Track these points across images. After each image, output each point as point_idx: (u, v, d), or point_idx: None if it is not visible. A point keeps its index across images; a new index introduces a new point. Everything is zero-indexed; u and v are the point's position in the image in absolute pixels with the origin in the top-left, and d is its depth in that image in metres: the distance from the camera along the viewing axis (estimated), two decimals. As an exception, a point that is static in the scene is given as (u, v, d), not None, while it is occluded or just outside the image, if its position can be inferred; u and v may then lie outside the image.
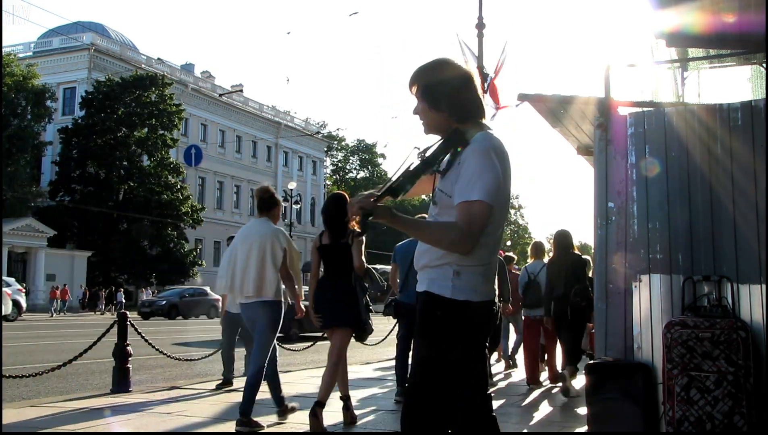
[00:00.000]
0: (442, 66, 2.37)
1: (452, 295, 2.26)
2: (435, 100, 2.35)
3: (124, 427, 5.16)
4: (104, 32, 47.19)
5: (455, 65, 2.39)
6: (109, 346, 7.08)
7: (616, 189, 4.47)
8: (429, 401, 2.27)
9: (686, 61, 10.51)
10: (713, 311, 4.06)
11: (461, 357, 2.30)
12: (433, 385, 2.28)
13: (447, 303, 2.27)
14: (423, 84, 2.36)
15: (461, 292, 2.26)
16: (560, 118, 5.53)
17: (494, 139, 2.31)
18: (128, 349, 6.86)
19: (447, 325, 2.28)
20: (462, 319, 2.27)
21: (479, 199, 2.18)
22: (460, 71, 2.37)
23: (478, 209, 2.18)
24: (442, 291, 2.28)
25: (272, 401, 5.44)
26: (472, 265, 2.27)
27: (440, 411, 2.28)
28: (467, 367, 2.33)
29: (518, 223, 78.95)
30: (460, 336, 2.29)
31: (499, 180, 2.24)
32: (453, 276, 2.27)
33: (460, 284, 2.26)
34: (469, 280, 2.27)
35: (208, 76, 55.52)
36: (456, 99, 2.34)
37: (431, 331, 2.31)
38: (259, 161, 56.37)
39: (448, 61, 2.39)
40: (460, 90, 2.35)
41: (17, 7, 66.37)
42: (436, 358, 2.29)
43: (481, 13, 13.24)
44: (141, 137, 39.43)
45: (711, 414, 3.81)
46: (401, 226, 2.25)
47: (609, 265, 4.44)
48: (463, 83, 2.36)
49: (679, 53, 9.37)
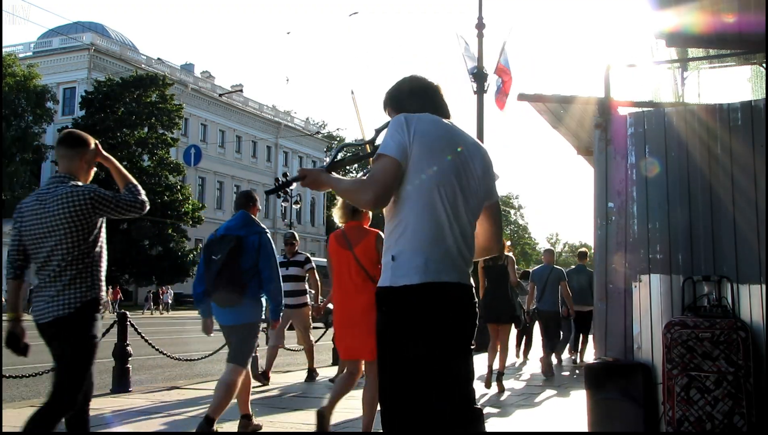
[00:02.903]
0: (404, 83, 2.51)
1: (391, 283, 2.17)
2: (399, 103, 2.46)
3: (123, 427, 5.16)
4: (104, 32, 47.19)
5: (418, 78, 2.52)
6: (109, 346, 7.08)
7: (616, 189, 4.47)
8: (404, 403, 2.13)
9: (686, 61, 10.52)
10: (713, 311, 4.06)
11: (419, 350, 2.12)
12: (401, 386, 2.14)
13: (388, 293, 2.18)
14: (391, 101, 2.50)
15: (399, 276, 2.15)
16: (560, 118, 5.54)
17: (421, 114, 2.34)
18: (128, 349, 6.86)
19: (392, 317, 2.16)
20: (406, 306, 2.13)
21: (379, 153, 2.24)
22: (424, 82, 2.50)
23: (378, 162, 2.22)
24: (383, 281, 2.21)
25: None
26: (410, 247, 2.17)
27: (418, 411, 2.13)
28: (431, 360, 2.14)
29: (518, 223, 78.95)
30: (410, 327, 2.13)
31: (404, 138, 2.23)
32: (391, 262, 2.19)
33: (398, 268, 2.16)
34: (408, 262, 2.15)
35: (208, 76, 55.52)
36: (418, 103, 2.42)
37: (380, 328, 2.21)
38: (259, 161, 56.36)
39: (412, 76, 2.52)
40: (414, 90, 2.47)
41: (17, 7, 66.48)
42: (396, 357, 2.15)
43: (481, 13, 13.25)
44: (141, 137, 39.44)
45: (711, 414, 3.81)
46: (330, 184, 2.33)
47: (609, 265, 4.44)
48: (425, 91, 2.47)
49: (679, 53, 9.38)
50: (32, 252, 3.22)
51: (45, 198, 3.20)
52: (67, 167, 3.31)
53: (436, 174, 2.23)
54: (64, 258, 3.16)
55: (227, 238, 4.60)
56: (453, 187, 2.26)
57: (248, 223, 4.77)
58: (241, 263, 4.54)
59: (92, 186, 3.28)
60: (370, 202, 2.18)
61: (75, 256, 3.17)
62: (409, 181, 2.21)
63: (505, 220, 74.35)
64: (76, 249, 3.17)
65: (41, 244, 3.18)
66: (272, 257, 4.71)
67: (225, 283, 4.50)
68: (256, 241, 4.65)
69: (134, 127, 39.19)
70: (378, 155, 2.23)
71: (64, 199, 3.15)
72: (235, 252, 4.54)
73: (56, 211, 3.14)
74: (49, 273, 3.17)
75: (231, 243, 4.55)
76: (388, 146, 2.23)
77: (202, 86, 52.04)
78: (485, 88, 13.08)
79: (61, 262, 3.16)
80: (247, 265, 4.57)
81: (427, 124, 2.28)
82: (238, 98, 54.10)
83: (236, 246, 4.55)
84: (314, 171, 2.37)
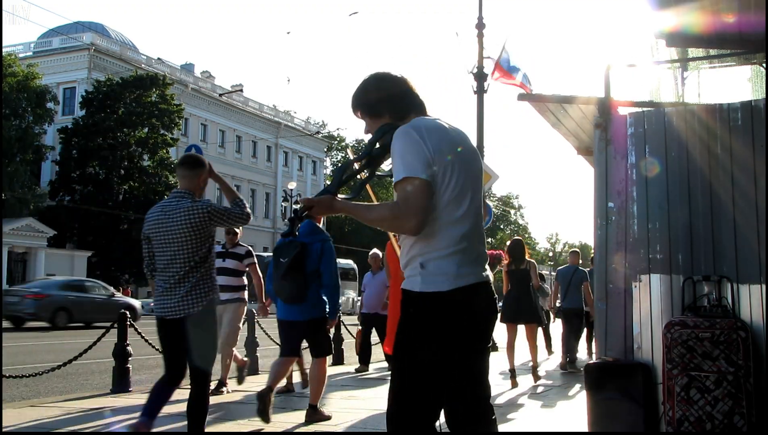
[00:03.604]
0: (370, 83, 2.45)
1: (422, 288, 2.19)
2: (375, 111, 2.41)
3: (124, 427, 5.16)
4: (104, 32, 47.15)
5: (383, 75, 2.46)
6: (109, 346, 7.08)
7: (616, 189, 4.47)
8: (414, 404, 2.17)
9: (686, 61, 10.52)
10: (713, 311, 4.06)
11: (443, 355, 2.18)
12: (415, 388, 2.18)
13: (417, 297, 2.20)
14: (361, 104, 2.44)
15: (430, 283, 2.18)
16: (560, 118, 5.53)
17: (422, 120, 2.30)
18: (128, 349, 6.86)
19: (421, 322, 2.19)
20: (436, 312, 2.17)
21: (404, 176, 2.16)
22: (390, 77, 2.44)
23: (407, 185, 2.15)
24: (412, 286, 2.22)
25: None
26: (439, 254, 2.19)
27: (427, 415, 2.19)
28: (452, 365, 2.20)
29: (518, 223, 78.94)
30: (437, 331, 2.17)
31: (425, 154, 2.18)
32: (420, 268, 2.20)
33: (428, 275, 2.19)
34: (439, 269, 2.18)
35: (208, 76, 55.49)
36: (395, 103, 2.40)
37: (405, 330, 2.23)
38: (259, 161, 56.33)
39: (376, 75, 2.47)
40: (393, 94, 2.41)
41: (17, 6, 66.49)
42: (416, 359, 2.19)
43: (481, 13, 13.26)
44: (141, 137, 39.39)
45: (711, 414, 3.81)
46: (344, 210, 2.28)
47: (609, 265, 4.44)
48: (393, 85, 2.42)
49: (679, 53, 9.38)
50: (157, 256, 3.89)
51: (169, 210, 3.85)
52: (187, 185, 4.00)
53: (454, 179, 2.24)
54: (187, 263, 3.79)
55: (294, 244, 5.14)
56: (465, 187, 2.27)
57: (314, 232, 5.33)
58: (305, 267, 5.17)
59: (208, 201, 3.96)
60: (413, 229, 2.17)
61: (196, 261, 3.80)
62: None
63: (505, 220, 74.36)
64: (196, 255, 3.80)
65: (164, 249, 3.83)
66: (332, 263, 5.33)
67: (290, 284, 5.14)
68: (319, 248, 5.25)
69: (134, 127, 39.14)
70: (405, 178, 2.16)
71: (186, 212, 3.79)
72: (300, 256, 5.13)
73: (180, 221, 3.78)
74: (173, 275, 3.80)
75: (296, 248, 5.13)
76: (413, 167, 2.16)
77: (202, 86, 52.00)
78: (485, 88, 13.08)
79: (183, 266, 3.79)
80: (310, 268, 5.20)
81: (436, 134, 2.25)
82: (238, 98, 54.07)
83: (301, 251, 5.14)
84: (323, 199, 2.27)
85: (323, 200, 2.27)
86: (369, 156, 2.40)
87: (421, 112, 2.41)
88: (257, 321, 8.67)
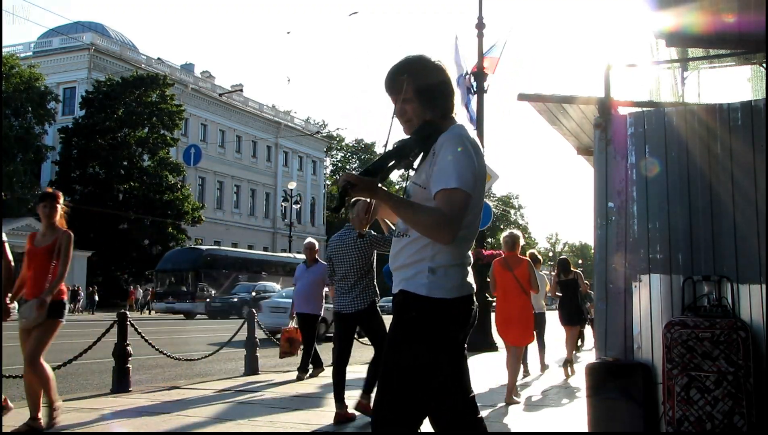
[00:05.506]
0: (430, 63, 2.34)
1: (428, 293, 2.19)
2: (430, 96, 2.32)
3: (123, 427, 5.16)
4: (104, 32, 47.16)
5: (438, 64, 2.36)
6: (109, 346, 7.08)
7: (616, 189, 4.47)
8: (404, 407, 2.17)
9: (686, 61, 10.53)
10: (713, 311, 4.06)
11: (438, 359, 2.19)
12: (408, 390, 2.17)
13: (423, 301, 2.19)
14: (419, 84, 2.29)
15: (438, 289, 2.19)
16: (560, 118, 5.53)
17: (468, 133, 2.28)
18: (128, 349, 6.86)
19: (422, 325, 2.19)
20: (439, 317, 2.19)
21: (458, 187, 2.12)
22: (444, 70, 2.37)
23: (458, 197, 2.12)
24: (417, 289, 2.20)
25: None
26: (448, 263, 2.21)
27: (415, 418, 2.19)
28: (446, 369, 2.23)
29: (518, 223, 78.90)
30: (437, 336, 2.19)
31: (475, 169, 2.19)
32: (428, 273, 2.20)
33: (436, 281, 2.19)
34: (446, 277, 2.20)
35: (208, 76, 55.49)
36: (448, 99, 2.36)
37: (406, 333, 2.22)
38: (259, 161, 56.35)
39: (431, 58, 2.36)
40: (449, 90, 2.36)
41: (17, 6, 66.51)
42: (411, 362, 2.18)
43: (481, 13, 13.26)
44: (141, 137, 39.40)
45: (711, 414, 3.81)
46: (385, 199, 2.15)
47: (609, 265, 4.43)
48: (449, 78, 2.37)
49: (679, 53, 9.38)
50: (336, 269, 5.62)
51: (344, 237, 5.64)
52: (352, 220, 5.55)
53: (480, 201, 2.29)
54: (357, 274, 5.49)
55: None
56: (480, 206, 2.32)
57: None
58: None
59: (371, 232, 5.55)
60: (447, 241, 2.15)
61: (363, 273, 5.51)
62: None
63: (505, 220, 74.34)
64: (362, 269, 5.52)
65: (341, 265, 5.57)
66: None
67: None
68: None
69: (134, 127, 39.16)
70: (458, 189, 2.12)
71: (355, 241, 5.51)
72: None
73: (350, 247, 5.54)
74: (348, 283, 5.51)
75: None
76: (467, 181, 2.15)
77: (202, 86, 52.01)
78: (485, 88, 13.08)
79: (354, 277, 5.48)
80: None
81: (479, 154, 2.26)
82: (238, 98, 54.08)
83: None
84: (367, 181, 2.10)
85: (367, 182, 2.10)
86: (410, 153, 2.23)
87: (453, 111, 2.40)
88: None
